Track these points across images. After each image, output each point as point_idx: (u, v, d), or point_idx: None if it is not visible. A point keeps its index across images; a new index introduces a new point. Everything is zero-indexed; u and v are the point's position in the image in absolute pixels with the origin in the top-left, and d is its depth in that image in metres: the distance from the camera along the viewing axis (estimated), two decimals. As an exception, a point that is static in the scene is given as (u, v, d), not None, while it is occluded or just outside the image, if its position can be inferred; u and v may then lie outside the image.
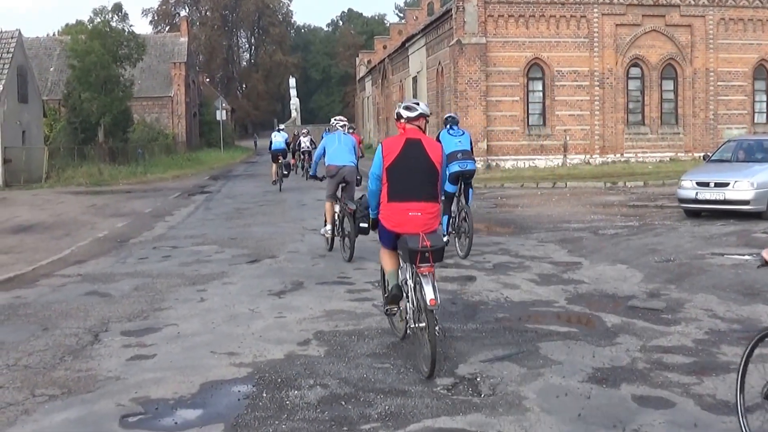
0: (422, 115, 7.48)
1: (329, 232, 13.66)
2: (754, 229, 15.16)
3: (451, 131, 13.42)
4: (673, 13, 34.17)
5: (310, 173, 15.54)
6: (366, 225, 9.00)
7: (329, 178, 13.47)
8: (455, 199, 13.43)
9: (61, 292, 10.97)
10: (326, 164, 13.55)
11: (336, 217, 13.46)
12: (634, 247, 13.62)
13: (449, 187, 13.09)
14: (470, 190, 13.79)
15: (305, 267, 12.44)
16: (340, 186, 13.47)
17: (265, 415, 5.90)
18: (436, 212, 7.31)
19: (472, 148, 13.57)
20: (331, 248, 13.80)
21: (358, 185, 13.59)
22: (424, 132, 7.50)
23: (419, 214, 7.10)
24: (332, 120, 14.60)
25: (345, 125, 14.23)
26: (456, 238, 13.40)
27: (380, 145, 7.54)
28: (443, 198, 11.53)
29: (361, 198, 11.40)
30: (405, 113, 7.49)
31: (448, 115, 14.34)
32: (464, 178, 13.35)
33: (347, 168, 13.33)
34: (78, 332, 8.52)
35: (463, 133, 13.54)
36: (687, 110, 34.94)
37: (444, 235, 12.82)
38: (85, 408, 6.16)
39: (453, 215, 13.43)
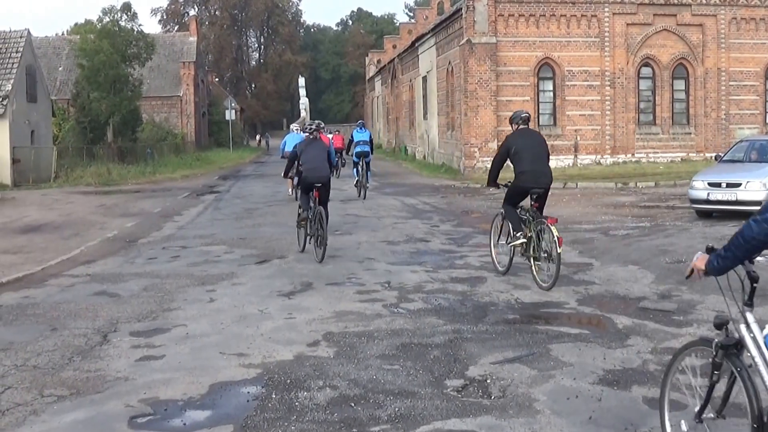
0: (319, 127, 14.49)
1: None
2: (766, 229, 15.04)
3: (359, 130, 25.97)
4: (684, 12, 34.00)
5: (281, 155, 24.19)
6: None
7: (286, 158, 20.36)
8: (359, 168, 24.63)
9: (69, 292, 10.98)
10: (284, 150, 22.93)
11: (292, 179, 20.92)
12: (646, 248, 13.55)
13: (355, 158, 25.12)
14: (368, 170, 25.10)
15: (314, 267, 12.41)
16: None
17: (274, 416, 5.89)
18: (328, 169, 13.91)
19: (371, 140, 26.07)
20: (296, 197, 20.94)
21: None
22: (321, 133, 14.63)
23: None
24: (291, 125, 26.08)
25: (297, 129, 23.54)
26: (361, 190, 24.28)
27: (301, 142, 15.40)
28: (353, 163, 25.23)
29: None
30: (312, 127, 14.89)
31: (359, 121, 27.32)
32: (363, 157, 24.55)
33: (293, 152, 21.36)
34: (87, 332, 8.52)
35: (365, 131, 26.18)
36: (698, 110, 34.76)
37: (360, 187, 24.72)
38: (93, 409, 6.16)
39: (359, 178, 24.62)
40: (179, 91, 62.14)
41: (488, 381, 6.63)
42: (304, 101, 79.82)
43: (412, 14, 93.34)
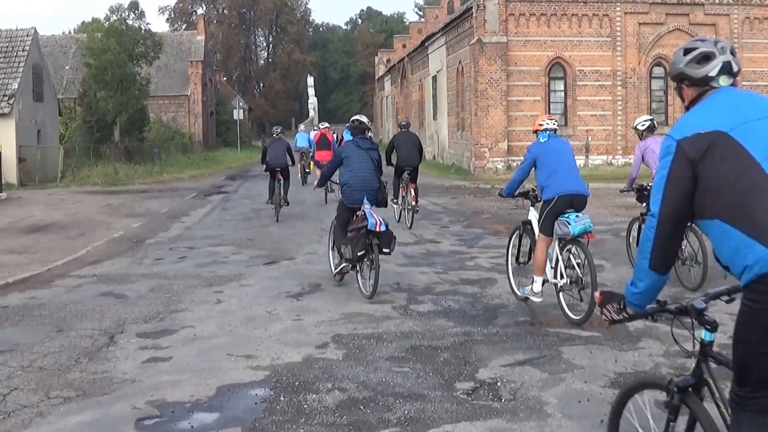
0: (327, 128, 25.94)
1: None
2: (779, 231, 14.91)
3: (348, 132, 32.85)
4: (697, 11, 33.84)
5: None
6: (308, 170, 28.57)
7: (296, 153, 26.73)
8: None
9: (76, 292, 10.94)
10: (296, 146, 27.85)
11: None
12: (656, 249, 13.42)
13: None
14: None
15: (323, 268, 12.32)
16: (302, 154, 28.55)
17: (282, 419, 5.83)
18: (330, 155, 21.41)
19: None
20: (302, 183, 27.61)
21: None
22: (329, 131, 25.65)
23: (324, 154, 23.90)
24: (299, 125, 33.20)
25: (304, 128, 29.19)
26: None
27: (313, 137, 26.52)
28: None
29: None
30: (322, 126, 26.39)
31: (348, 124, 31.47)
32: None
33: (304, 147, 28.61)
34: (93, 334, 8.47)
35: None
36: (709, 110, 34.58)
37: None
38: (100, 410, 6.11)
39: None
40: (187, 90, 62.11)
41: (498, 384, 6.56)
42: (312, 101, 79.81)
43: (421, 13, 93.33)
